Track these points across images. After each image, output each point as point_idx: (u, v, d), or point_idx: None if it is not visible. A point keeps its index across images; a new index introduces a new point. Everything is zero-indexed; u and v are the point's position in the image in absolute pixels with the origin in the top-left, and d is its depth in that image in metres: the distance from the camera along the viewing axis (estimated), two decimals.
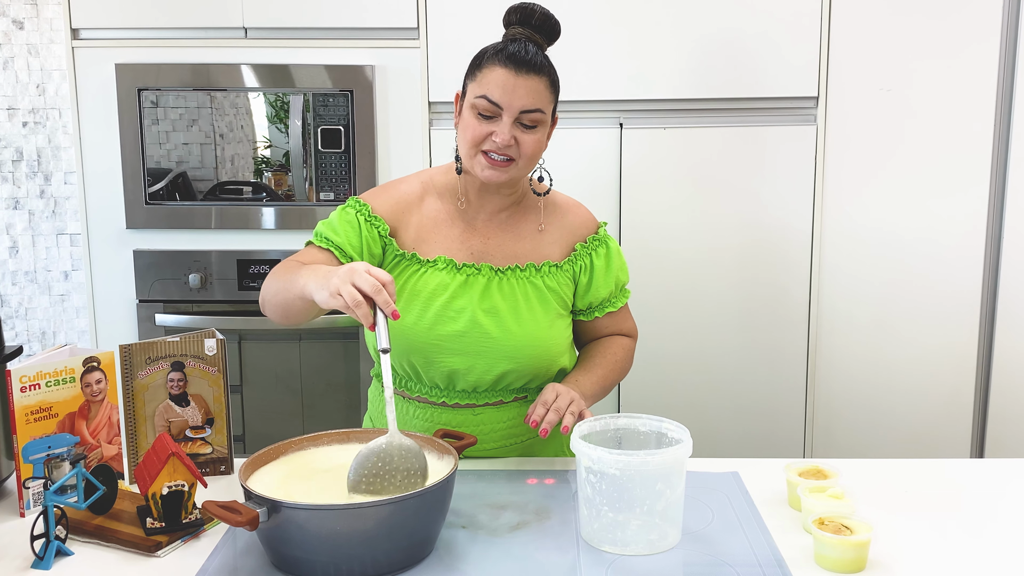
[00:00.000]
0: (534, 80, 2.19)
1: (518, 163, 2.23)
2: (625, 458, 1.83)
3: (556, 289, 2.35)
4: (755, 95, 3.49)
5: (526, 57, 2.19)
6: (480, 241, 2.34)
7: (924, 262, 3.52)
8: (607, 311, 2.44)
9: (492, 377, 2.29)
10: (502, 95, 2.18)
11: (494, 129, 2.19)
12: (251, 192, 3.62)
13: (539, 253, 2.36)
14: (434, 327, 2.25)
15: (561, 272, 2.37)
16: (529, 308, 2.30)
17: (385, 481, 1.85)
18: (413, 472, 1.87)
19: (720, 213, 3.53)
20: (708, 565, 1.82)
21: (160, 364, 2.21)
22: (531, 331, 2.28)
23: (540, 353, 2.30)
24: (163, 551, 1.88)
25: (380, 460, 1.86)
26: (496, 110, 2.19)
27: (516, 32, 2.26)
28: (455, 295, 2.27)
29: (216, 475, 2.27)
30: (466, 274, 2.29)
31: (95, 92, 3.56)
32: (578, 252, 2.40)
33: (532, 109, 2.20)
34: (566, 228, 2.42)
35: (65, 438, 2.08)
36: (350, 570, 1.75)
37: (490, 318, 2.27)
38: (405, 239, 2.33)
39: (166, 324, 3.62)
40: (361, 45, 3.52)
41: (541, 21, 2.27)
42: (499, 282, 2.30)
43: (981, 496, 2.14)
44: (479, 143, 2.21)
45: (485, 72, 2.20)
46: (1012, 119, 3.44)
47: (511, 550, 1.87)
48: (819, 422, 3.62)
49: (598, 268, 2.40)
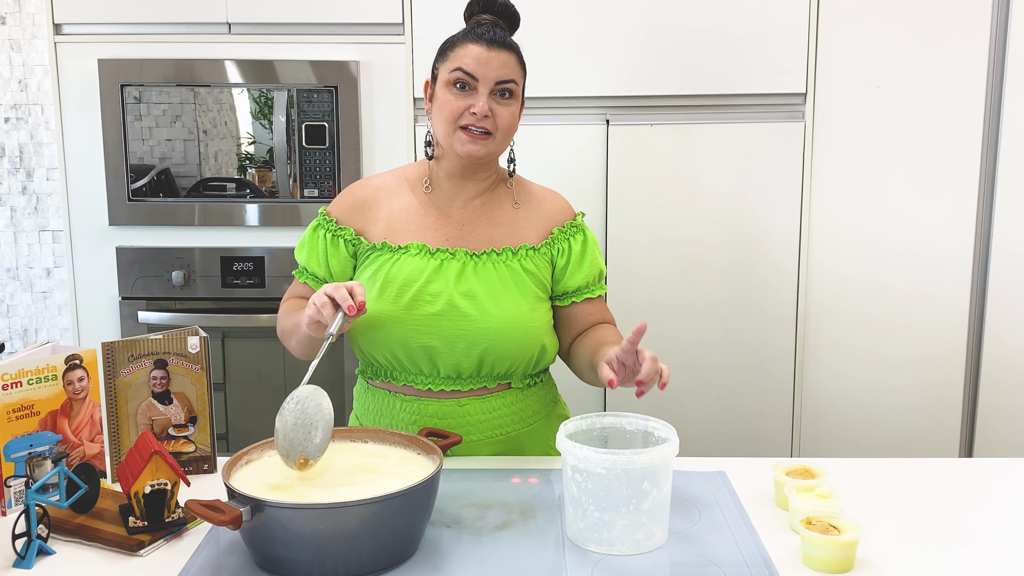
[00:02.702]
0: (505, 54, 2.29)
1: (495, 137, 2.30)
2: (611, 457, 1.82)
3: (534, 272, 2.36)
4: (742, 91, 3.48)
5: (494, 36, 2.29)
6: (455, 228, 2.37)
7: (912, 260, 3.52)
8: (585, 296, 2.44)
9: (473, 359, 2.30)
10: (477, 67, 2.26)
11: (471, 102, 2.27)
12: (235, 189, 3.61)
13: (516, 237, 2.38)
14: (410, 311, 2.28)
15: (539, 255, 2.38)
16: (507, 290, 2.31)
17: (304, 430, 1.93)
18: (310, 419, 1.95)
19: (707, 211, 3.52)
20: (695, 565, 1.81)
21: (143, 362, 2.20)
22: (509, 313, 2.29)
23: (519, 335, 2.31)
24: (146, 550, 1.87)
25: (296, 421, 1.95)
26: (472, 81, 2.27)
27: (481, 19, 2.36)
28: (430, 279, 2.29)
29: (199, 474, 2.26)
30: (440, 259, 2.32)
31: (78, 88, 3.54)
32: (555, 236, 2.42)
33: (507, 80, 2.29)
34: (543, 214, 2.44)
35: (47, 436, 2.07)
36: (334, 569, 1.74)
37: (467, 300, 2.28)
38: (375, 232, 2.39)
39: (149, 321, 3.60)
40: (346, 41, 3.51)
41: (503, 8, 2.39)
42: (475, 266, 2.32)
43: (970, 495, 2.14)
44: (457, 118, 2.28)
45: (457, 50, 2.29)
46: (1001, 116, 3.44)
47: (496, 550, 1.86)
48: (806, 421, 3.62)
49: (575, 253, 2.42)
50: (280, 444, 1.92)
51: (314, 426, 1.91)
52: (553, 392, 2.55)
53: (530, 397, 2.43)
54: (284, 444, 1.91)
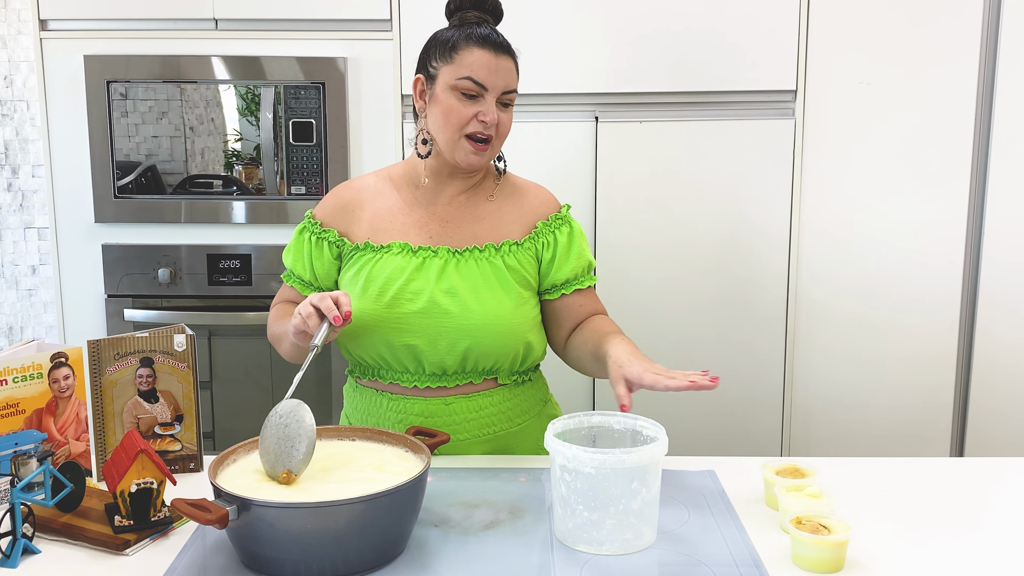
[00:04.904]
0: (508, 61, 2.29)
1: (494, 143, 2.30)
2: (600, 456, 1.81)
3: (517, 268, 2.35)
4: (732, 88, 3.48)
5: (499, 40, 2.29)
6: (438, 225, 2.37)
7: (903, 258, 3.51)
8: (575, 288, 2.42)
9: (456, 356, 2.29)
10: (487, 76, 2.25)
11: (479, 109, 2.25)
12: (221, 186, 3.59)
13: (498, 233, 2.38)
14: (392, 309, 2.28)
15: (522, 250, 2.37)
16: (489, 288, 2.30)
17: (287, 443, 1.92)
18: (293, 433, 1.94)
19: (697, 208, 3.52)
20: (684, 565, 1.80)
21: (129, 360, 2.19)
22: (491, 309, 2.29)
23: (502, 331, 2.30)
24: (131, 549, 1.86)
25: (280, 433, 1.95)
26: (481, 90, 2.25)
27: (472, 16, 2.34)
28: (411, 278, 2.29)
29: (185, 472, 2.25)
30: (422, 257, 2.31)
31: (63, 84, 3.53)
32: (539, 230, 2.40)
33: (511, 89, 2.29)
34: (526, 208, 2.43)
35: (32, 435, 2.06)
36: (321, 569, 1.73)
37: (449, 298, 2.28)
38: (358, 233, 2.39)
39: (135, 319, 3.59)
40: (333, 37, 3.49)
41: (494, 5, 2.38)
42: (457, 263, 2.31)
43: (960, 495, 2.13)
44: (464, 125, 2.26)
45: (464, 54, 2.25)
46: (992, 113, 3.44)
47: (484, 549, 1.85)
48: (797, 420, 3.62)
49: (561, 244, 2.41)
50: (264, 459, 1.92)
51: (297, 441, 1.90)
52: (543, 391, 2.54)
53: (518, 396, 2.42)
54: (267, 459, 1.92)
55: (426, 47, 2.36)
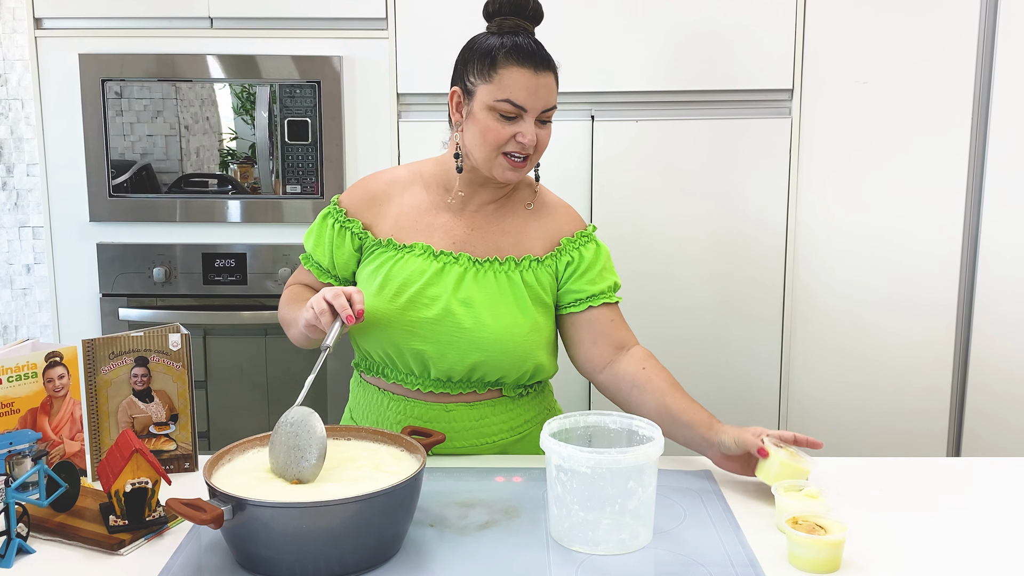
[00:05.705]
0: (549, 77, 2.22)
1: (532, 158, 2.26)
2: (596, 456, 1.81)
3: (533, 285, 2.32)
4: (729, 87, 3.47)
5: (540, 53, 2.21)
6: (464, 231, 2.34)
7: (900, 257, 3.51)
8: (603, 301, 2.36)
9: (465, 367, 2.27)
10: (527, 98, 2.19)
11: (518, 130, 2.20)
12: (216, 185, 3.59)
13: (521, 247, 2.35)
14: (406, 312, 2.25)
15: (542, 267, 2.34)
16: (504, 302, 2.28)
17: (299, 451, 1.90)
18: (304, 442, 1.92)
19: (693, 207, 3.51)
20: (680, 565, 1.80)
21: (123, 359, 2.19)
22: (505, 325, 2.26)
23: (512, 347, 2.27)
24: (126, 549, 1.86)
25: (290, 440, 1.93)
26: (520, 112, 2.19)
27: (511, 23, 2.25)
28: (430, 282, 2.27)
29: (180, 472, 2.25)
30: (443, 262, 2.29)
31: (58, 83, 3.52)
32: (563, 246, 2.37)
33: (551, 107, 2.23)
34: (552, 226, 2.40)
35: (27, 434, 2.05)
36: (316, 569, 1.73)
37: (464, 308, 2.25)
38: (383, 228, 2.36)
39: (130, 319, 3.58)
40: (329, 36, 3.49)
41: (534, 12, 2.28)
42: (476, 273, 2.29)
43: (957, 495, 2.14)
44: (501, 145, 2.21)
45: (503, 73, 2.18)
46: (990, 113, 3.43)
47: (479, 549, 1.85)
48: (793, 420, 3.61)
49: (587, 259, 2.37)
50: (274, 465, 1.92)
51: (307, 451, 1.89)
52: (548, 402, 2.50)
53: (521, 407, 2.40)
54: (278, 466, 1.91)
55: (463, 56, 2.28)
